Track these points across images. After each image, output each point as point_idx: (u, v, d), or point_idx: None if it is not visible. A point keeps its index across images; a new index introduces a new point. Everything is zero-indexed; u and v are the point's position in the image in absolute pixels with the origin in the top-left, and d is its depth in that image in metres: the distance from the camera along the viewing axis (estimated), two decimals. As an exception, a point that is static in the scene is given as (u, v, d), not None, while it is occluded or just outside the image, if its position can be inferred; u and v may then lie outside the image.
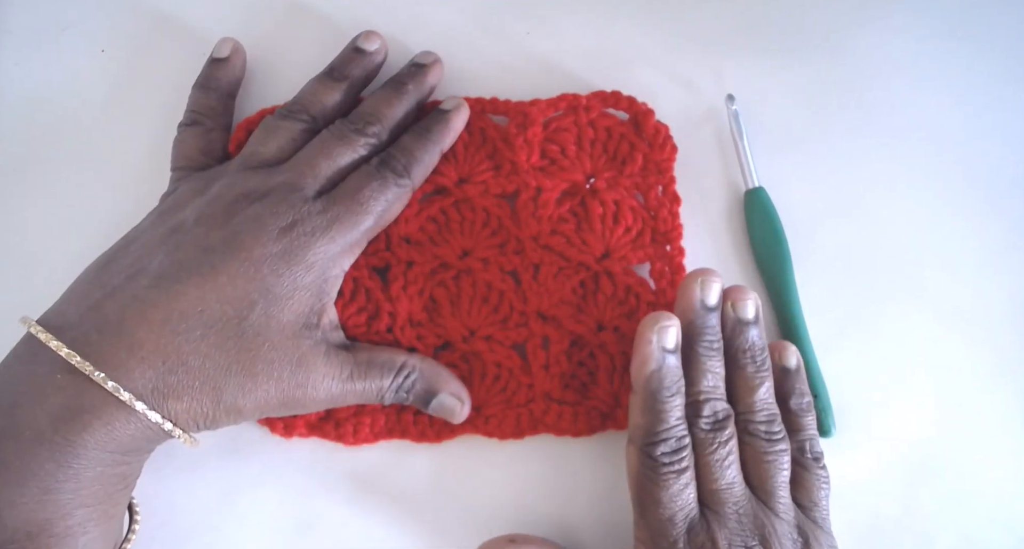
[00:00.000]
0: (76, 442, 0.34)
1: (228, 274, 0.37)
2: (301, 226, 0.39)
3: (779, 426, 0.41)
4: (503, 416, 0.43)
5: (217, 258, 0.38)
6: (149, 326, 0.36)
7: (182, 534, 0.43)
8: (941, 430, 0.46)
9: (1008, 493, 0.45)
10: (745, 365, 0.41)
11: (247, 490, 0.44)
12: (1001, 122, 0.50)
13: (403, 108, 0.45)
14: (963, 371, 0.47)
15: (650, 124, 0.47)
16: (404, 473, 0.44)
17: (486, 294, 0.45)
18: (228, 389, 0.37)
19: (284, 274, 0.38)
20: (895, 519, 0.45)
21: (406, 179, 0.43)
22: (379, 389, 0.41)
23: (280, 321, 0.38)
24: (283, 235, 0.39)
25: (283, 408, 0.39)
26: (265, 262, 0.38)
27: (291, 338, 0.38)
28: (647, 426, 0.39)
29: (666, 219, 0.46)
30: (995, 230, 0.49)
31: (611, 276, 0.45)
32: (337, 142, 0.42)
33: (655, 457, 0.38)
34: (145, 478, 0.41)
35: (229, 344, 0.37)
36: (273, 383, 0.38)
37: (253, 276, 0.38)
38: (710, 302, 0.41)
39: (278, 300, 0.38)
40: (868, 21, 0.51)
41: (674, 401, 0.39)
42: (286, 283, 0.38)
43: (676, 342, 0.40)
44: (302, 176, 0.41)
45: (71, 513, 0.35)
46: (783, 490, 0.40)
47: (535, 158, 0.46)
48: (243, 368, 0.37)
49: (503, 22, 0.50)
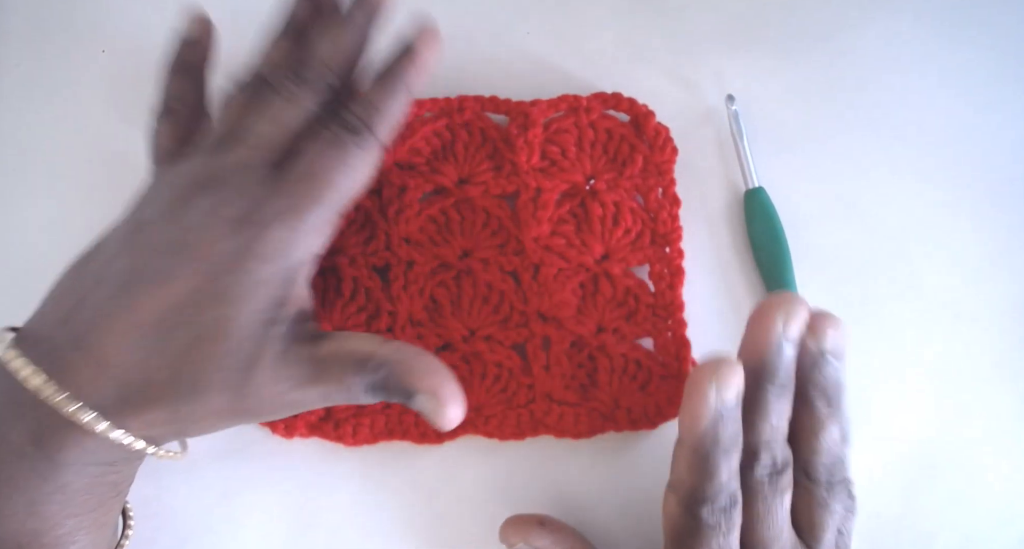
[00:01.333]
0: (56, 458, 0.33)
1: (182, 278, 0.34)
2: (255, 215, 0.35)
3: (841, 470, 0.37)
4: (503, 417, 0.43)
5: (170, 262, 0.34)
6: (112, 339, 0.33)
7: (182, 535, 0.43)
8: (941, 430, 0.46)
9: (1008, 492, 0.45)
10: (816, 404, 0.36)
11: (247, 491, 0.44)
12: (1001, 122, 0.50)
13: (353, 44, 0.39)
14: (963, 371, 0.47)
15: (651, 126, 0.47)
16: (404, 474, 0.44)
17: (486, 294, 0.45)
18: (184, 402, 0.34)
19: (239, 271, 0.34)
20: (895, 518, 0.45)
21: (369, 136, 0.37)
22: (345, 390, 0.35)
23: (237, 323, 0.34)
24: (236, 228, 0.35)
25: (245, 417, 0.35)
26: (219, 261, 0.34)
27: (248, 339, 0.34)
28: (693, 484, 0.34)
29: (666, 221, 0.46)
30: (995, 230, 0.49)
31: (610, 278, 0.45)
32: (277, 99, 0.37)
33: (699, 517, 0.34)
34: (145, 479, 0.42)
35: (186, 353, 0.34)
36: (229, 393, 0.34)
37: (206, 277, 0.34)
38: (793, 336, 0.35)
39: (234, 300, 0.34)
40: (867, 21, 0.51)
41: (729, 459, 0.34)
42: (242, 280, 0.34)
43: (739, 396, 0.34)
44: (251, 150, 0.36)
45: (61, 523, 0.34)
46: (831, 534, 0.36)
47: (535, 159, 0.46)
48: (197, 378, 0.34)
49: (503, 22, 0.50)
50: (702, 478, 0.34)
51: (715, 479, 0.34)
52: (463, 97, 0.47)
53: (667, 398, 0.44)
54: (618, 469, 0.44)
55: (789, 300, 0.35)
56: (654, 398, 0.44)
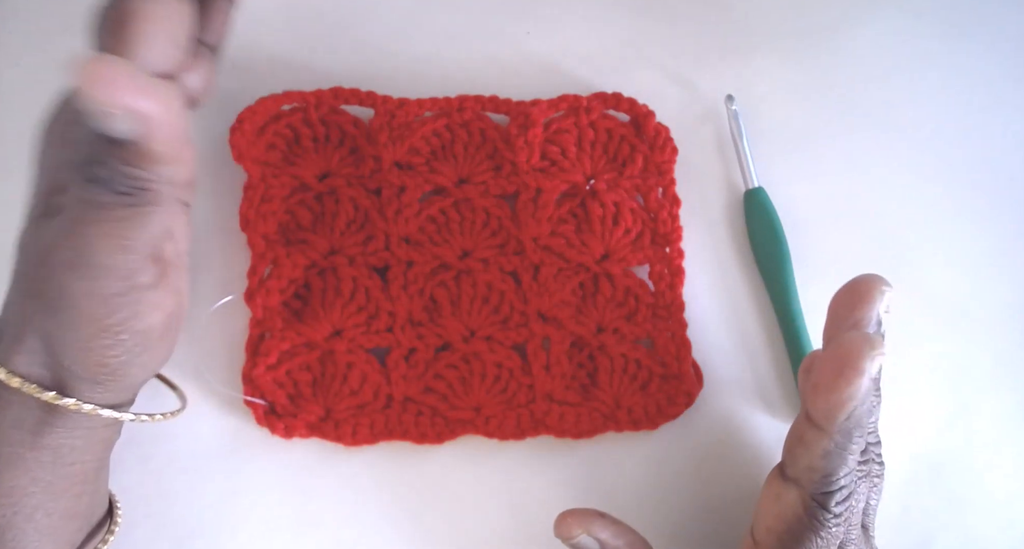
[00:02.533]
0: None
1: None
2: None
3: (873, 438, 0.37)
4: (503, 417, 0.43)
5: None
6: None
7: (182, 535, 0.43)
8: (941, 430, 0.46)
9: (1008, 493, 0.45)
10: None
11: (247, 491, 0.44)
12: (1001, 122, 0.50)
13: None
14: (963, 371, 0.47)
15: (651, 126, 0.47)
16: (404, 474, 0.44)
17: (486, 294, 0.45)
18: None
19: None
20: (894, 518, 0.45)
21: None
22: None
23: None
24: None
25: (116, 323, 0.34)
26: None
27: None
28: (828, 471, 0.33)
29: (666, 221, 0.46)
30: (995, 230, 0.49)
31: (611, 278, 0.45)
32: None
33: (830, 509, 0.33)
34: (146, 479, 0.42)
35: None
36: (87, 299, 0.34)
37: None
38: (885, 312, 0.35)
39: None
40: (868, 21, 0.51)
41: (861, 441, 0.33)
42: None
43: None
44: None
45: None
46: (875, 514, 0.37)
47: (535, 159, 0.46)
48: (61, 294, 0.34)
49: (503, 22, 0.50)
50: (839, 463, 0.33)
51: (847, 465, 0.33)
52: (463, 97, 0.47)
53: (667, 398, 0.44)
54: (619, 470, 0.44)
55: (880, 280, 0.35)
56: (655, 398, 0.44)
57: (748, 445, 0.45)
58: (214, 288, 0.45)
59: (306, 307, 0.44)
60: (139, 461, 0.43)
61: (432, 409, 0.44)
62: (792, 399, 0.46)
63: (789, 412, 0.46)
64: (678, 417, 0.44)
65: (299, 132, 0.46)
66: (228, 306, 0.44)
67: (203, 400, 0.44)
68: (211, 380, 0.43)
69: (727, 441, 0.45)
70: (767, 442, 0.45)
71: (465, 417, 0.43)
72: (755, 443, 0.45)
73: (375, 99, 0.46)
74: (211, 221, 0.46)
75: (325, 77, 0.48)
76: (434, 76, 0.49)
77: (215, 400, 0.44)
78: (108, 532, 0.39)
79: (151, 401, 0.41)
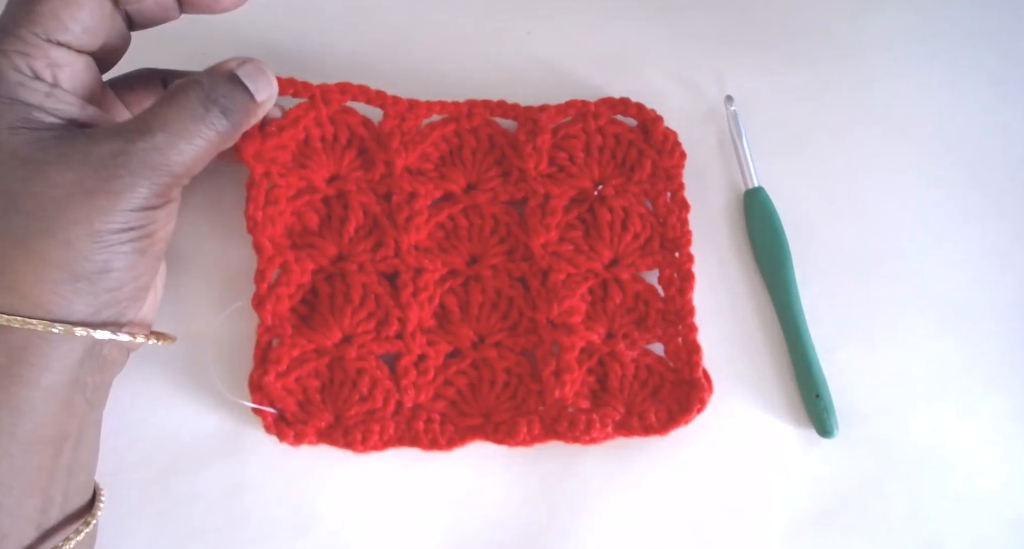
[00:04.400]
0: None
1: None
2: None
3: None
4: (513, 423, 0.43)
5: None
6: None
7: (182, 535, 0.42)
8: (942, 430, 0.46)
9: (1014, 493, 0.45)
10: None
11: (251, 494, 0.43)
12: (1001, 122, 0.51)
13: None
14: (965, 371, 0.47)
15: (659, 131, 0.47)
16: (413, 480, 0.44)
17: (495, 301, 0.45)
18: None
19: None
20: (903, 520, 0.44)
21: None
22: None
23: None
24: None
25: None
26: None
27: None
28: None
29: (675, 225, 0.46)
30: (995, 230, 0.49)
31: (620, 283, 0.45)
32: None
33: None
34: (147, 478, 0.42)
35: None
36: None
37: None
38: None
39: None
40: (867, 21, 0.52)
41: None
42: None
43: None
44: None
45: None
46: None
47: (544, 165, 0.46)
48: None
49: (503, 22, 0.50)
50: None
51: None
52: (471, 102, 0.46)
53: (679, 403, 0.44)
54: (629, 475, 0.44)
55: None
56: (666, 404, 0.44)
57: (751, 446, 0.45)
58: (214, 289, 0.45)
59: (314, 313, 0.44)
60: (140, 461, 0.43)
61: (442, 415, 0.44)
62: (792, 399, 0.46)
63: (790, 412, 0.46)
64: (690, 422, 0.44)
65: (309, 132, 0.45)
66: (232, 311, 0.44)
67: (208, 404, 0.44)
68: (221, 388, 0.43)
69: (731, 442, 0.45)
70: (769, 442, 0.45)
71: (474, 423, 0.43)
72: (757, 443, 0.45)
73: (384, 99, 0.45)
74: (211, 221, 0.46)
75: (326, 78, 0.47)
76: (435, 75, 0.49)
77: (219, 402, 0.43)
78: (84, 522, 0.37)
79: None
